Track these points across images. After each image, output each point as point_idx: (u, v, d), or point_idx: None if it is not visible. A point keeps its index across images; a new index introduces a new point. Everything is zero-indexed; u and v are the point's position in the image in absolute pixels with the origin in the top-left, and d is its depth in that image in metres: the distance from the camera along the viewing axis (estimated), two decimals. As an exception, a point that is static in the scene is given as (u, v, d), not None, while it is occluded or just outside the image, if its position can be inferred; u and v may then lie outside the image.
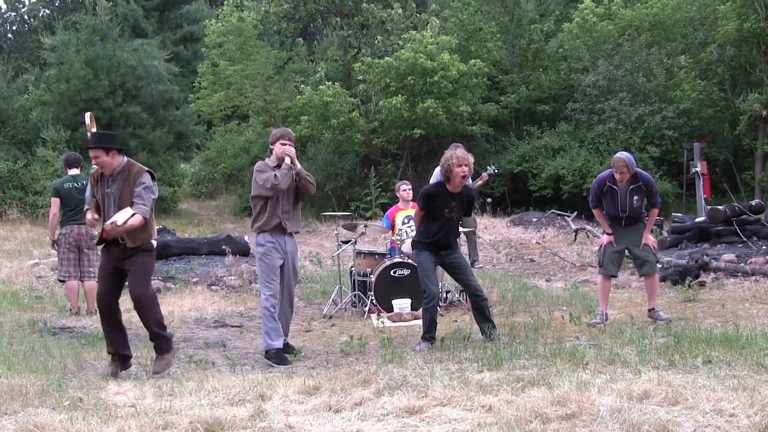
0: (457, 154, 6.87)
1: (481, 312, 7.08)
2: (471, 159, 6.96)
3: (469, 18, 22.21)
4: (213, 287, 10.65)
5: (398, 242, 9.12)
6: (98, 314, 6.26)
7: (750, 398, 4.14)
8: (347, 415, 4.25)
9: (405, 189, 9.86)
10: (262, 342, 6.66)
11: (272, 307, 6.58)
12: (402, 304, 8.52)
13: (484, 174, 11.87)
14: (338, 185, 20.39)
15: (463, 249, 10.24)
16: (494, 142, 21.18)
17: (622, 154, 7.60)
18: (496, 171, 12.65)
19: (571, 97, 20.73)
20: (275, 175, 6.50)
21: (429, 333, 6.96)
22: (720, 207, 11.83)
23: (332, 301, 9.20)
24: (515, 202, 20.02)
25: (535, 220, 16.95)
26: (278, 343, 6.52)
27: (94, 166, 5.87)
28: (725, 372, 5.01)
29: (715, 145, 19.88)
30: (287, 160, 6.60)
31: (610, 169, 7.71)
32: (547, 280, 11.32)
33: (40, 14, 40.16)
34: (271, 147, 6.78)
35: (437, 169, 12.34)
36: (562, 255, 13.11)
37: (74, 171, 9.07)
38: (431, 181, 12.46)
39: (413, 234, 9.06)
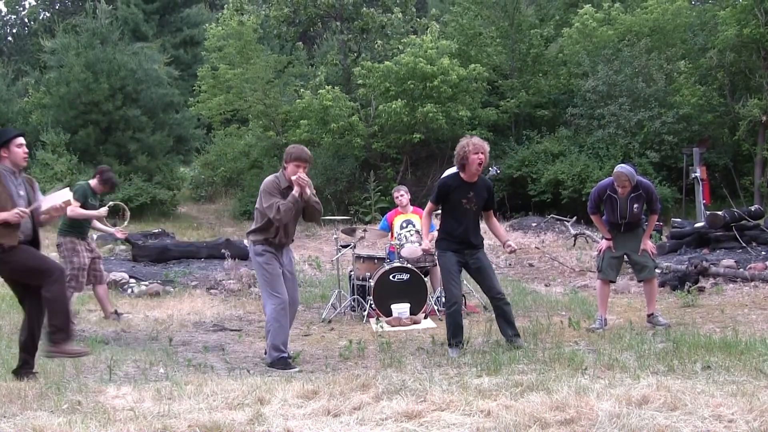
0: (473, 141, 6.66)
1: (505, 317, 6.85)
2: (487, 147, 6.73)
3: (469, 23, 22.23)
4: (212, 291, 10.65)
5: (397, 246, 9.11)
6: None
7: (749, 404, 4.14)
8: (346, 420, 4.24)
9: (398, 195, 9.80)
10: (268, 353, 6.54)
11: (282, 318, 6.49)
12: (401, 309, 8.51)
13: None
14: (337, 189, 20.39)
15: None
16: (494, 147, 21.13)
17: (624, 168, 7.54)
18: (498, 172, 12.65)
19: (571, 102, 20.74)
20: (278, 207, 6.34)
21: (456, 338, 6.70)
22: (719, 212, 11.83)
23: (331, 305, 9.20)
24: (514, 206, 20.01)
25: (534, 224, 16.95)
26: (285, 354, 6.50)
27: None
28: (724, 377, 5.01)
29: (714, 150, 19.89)
30: (296, 190, 6.38)
31: (610, 177, 7.69)
32: (546, 285, 11.32)
33: (41, 17, 40.22)
34: (285, 165, 6.50)
35: (448, 171, 12.39)
36: (561, 260, 13.11)
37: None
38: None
39: (412, 238, 9.08)
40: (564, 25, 22.63)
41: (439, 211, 10.26)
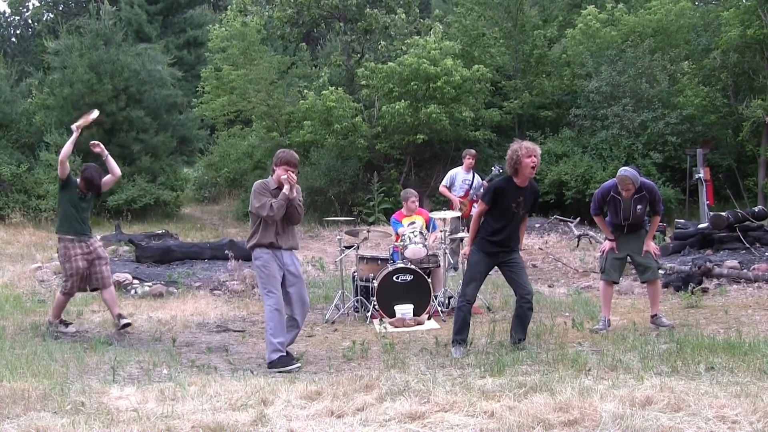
0: (525, 144, 6.61)
1: (522, 320, 6.85)
2: (539, 150, 6.70)
3: (473, 23, 22.22)
4: (215, 292, 10.65)
5: (401, 247, 9.11)
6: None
7: (753, 405, 4.14)
8: (349, 421, 4.24)
9: (414, 200, 9.80)
10: (267, 354, 6.55)
11: (278, 319, 6.53)
12: (404, 310, 8.51)
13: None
14: (341, 190, 20.37)
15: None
16: (497, 148, 21.16)
17: (627, 172, 7.50)
18: (500, 171, 12.67)
19: (574, 102, 20.71)
20: (271, 204, 6.55)
21: (460, 335, 6.77)
22: (723, 213, 11.80)
23: (335, 306, 9.20)
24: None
25: (537, 225, 16.92)
26: (283, 352, 6.51)
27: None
28: (728, 378, 5.01)
29: (718, 151, 19.86)
30: (286, 188, 6.61)
31: (614, 179, 7.68)
32: (549, 286, 11.30)
33: (44, 18, 40.33)
34: (275, 168, 6.78)
35: (451, 172, 12.40)
36: (565, 261, 13.09)
37: None
38: (442, 184, 12.48)
39: (416, 239, 9.07)
40: (567, 25, 22.61)
41: (438, 214, 10.33)
